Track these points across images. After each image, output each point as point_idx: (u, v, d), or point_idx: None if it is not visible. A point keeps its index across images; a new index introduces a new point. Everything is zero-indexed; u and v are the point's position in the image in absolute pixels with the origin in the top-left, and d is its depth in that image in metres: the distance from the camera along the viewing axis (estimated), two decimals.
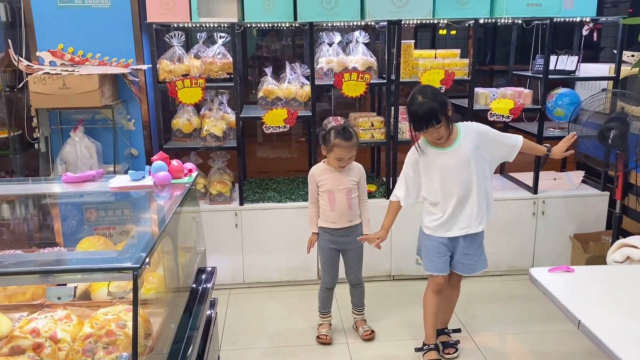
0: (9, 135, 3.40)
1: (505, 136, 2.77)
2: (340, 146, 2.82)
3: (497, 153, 2.75)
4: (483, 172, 2.70)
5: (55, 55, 3.37)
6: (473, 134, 2.69)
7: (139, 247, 1.46)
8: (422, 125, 2.55)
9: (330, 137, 2.84)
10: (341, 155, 2.85)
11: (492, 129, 2.75)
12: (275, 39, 4.71)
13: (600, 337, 1.67)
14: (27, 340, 1.60)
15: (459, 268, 2.81)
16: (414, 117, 2.57)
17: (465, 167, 2.66)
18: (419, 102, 2.54)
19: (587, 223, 3.82)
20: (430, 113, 2.51)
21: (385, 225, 2.93)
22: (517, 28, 4.06)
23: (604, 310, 1.85)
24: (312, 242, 3.07)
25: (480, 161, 2.68)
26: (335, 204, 2.94)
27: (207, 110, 3.82)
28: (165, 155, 2.13)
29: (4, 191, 2.08)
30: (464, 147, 2.66)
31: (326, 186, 2.94)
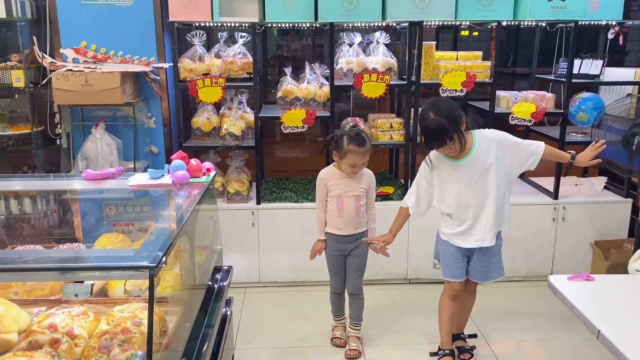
0: (32, 131, 3.45)
1: (525, 143, 2.64)
2: (354, 152, 2.74)
3: (516, 162, 2.63)
4: (501, 182, 2.61)
5: (78, 53, 3.41)
6: (489, 142, 2.59)
7: (156, 246, 1.47)
8: (433, 144, 2.49)
9: (343, 143, 2.76)
10: (355, 161, 2.77)
11: (510, 136, 2.63)
12: (296, 38, 4.71)
13: (619, 348, 1.64)
14: (44, 335, 1.62)
15: (474, 275, 2.78)
16: (425, 134, 2.50)
17: (481, 179, 2.59)
18: (431, 120, 2.45)
19: (609, 230, 3.75)
20: (442, 132, 2.43)
21: (393, 229, 2.90)
22: (540, 31, 4.00)
23: (624, 321, 1.81)
24: (319, 251, 3.00)
25: (498, 171, 2.58)
26: (343, 210, 2.88)
27: (226, 110, 3.83)
28: (185, 154, 2.14)
29: (26, 186, 2.10)
30: (480, 157, 2.57)
31: (335, 191, 2.88)
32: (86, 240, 2.05)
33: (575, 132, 3.85)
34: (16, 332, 1.69)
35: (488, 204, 2.62)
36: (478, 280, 2.79)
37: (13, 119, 3.69)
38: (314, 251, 3.01)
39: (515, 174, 2.70)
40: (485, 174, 2.59)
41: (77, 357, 1.61)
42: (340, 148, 2.77)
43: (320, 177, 2.93)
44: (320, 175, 2.93)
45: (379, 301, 3.55)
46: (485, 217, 2.64)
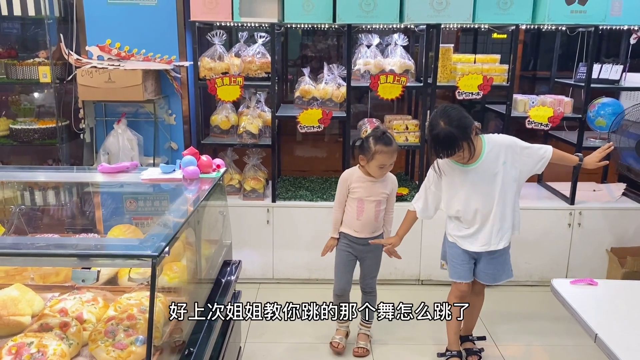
0: (57, 125, 3.58)
1: (533, 148, 2.66)
2: (382, 152, 2.71)
3: (526, 167, 2.64)
4: (510, 187, 2.62)
5: (103, 50, 3.52)
6: (498, 148, 2.60)
7: (160, 236, 1.53)
8: (442, 153, 2.50)
9: (370, 145, 2.72)
10: (384, 161, 2.74)
11: (519, 141, 2.65)
12: (317, 39, 4.76)
13: (615, 352, 1.64)
14: (55, 318, 1.70)
15: (481, 277, 2.79)
16: (434, 143, 2.50)
17: (489, 184, 2.60)
18: (441, 128, 2.46)
19: (626, 237, 3.71)
20: (451, 141, 2.45)
21: (400, 232, 2.90)
22: (561, 35, 3.97)
23: (623, 325, 1.81)
24: (331, 247, 3.00)
25: (507, 177, 2.60)
26: (363, 214, 2.86)
27: (245, 108, 3.91)
28: (195, 150, 2.21)
29: (42, 178, 2.21)
30: (489, 162, 2.59)
31: (358, 194, 2.86)
32: (100, 231, 2.15)
33: (594, 138, 3.81)
34: (30, 315, 1.78)
35: (496, 208, 2.63)
36: (486, 282, 2.80)
37: (40, 113, 3.82)
38: (326, 247, 3.02)
39: (524, 178, 2.70)
40: (494, 179, 2.60)
41: (84, 340, 1.69)
42: (367, 150, 2.74)
43: (343, 176, 2.91)
44: (344, 175, 2.91)
45: (391, 301, 3.56)
46: (492, 222, 2.65)
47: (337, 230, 2.98)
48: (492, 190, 2.61)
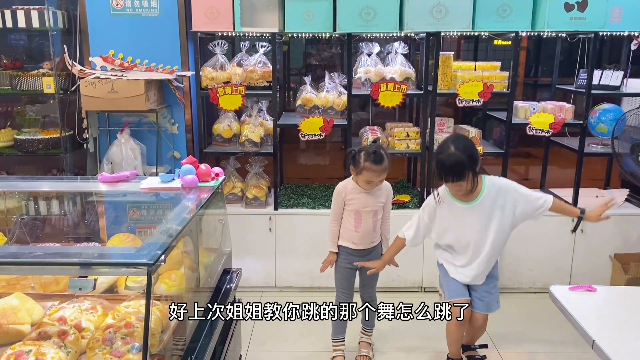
0: (61, 135, 3.62)
1: (532, 196, 2.62)
2: (370, 170, 2.68)
3: (521, 215, 2.62)
4: (503, 232, 2.62)
5: (106, 61, 3.57)
6: (497, 190, 2.59)
7: (156, 245, 1.55)
8: (449, 177, 2.48)
9: (360, 160, 2.70)
10: (371, 178, 2.72)
11: (519, 187, 2.63)
12: (319, 48, 4.79)
13: (612, 358, 1.64)
14: (54, 327, 1.72)
15: (477, 304, 2.72)
16: (442, 166, 2.48)
17: (483, 225, 2.60)
18: (450, 153, 2.45)
19: (629, 243, 3.69)
20: (458, 167, 2.43)
21: (386, 257, 2.88)
22: (562, 41, 3.97)
23: (621, 332, 1.81)
24: (331, 263, 2.96)
25: (503, 220, 2.60)
26: (361, 225, 2.84)
27: (247, 117, 3.94)
28: (194, 159, 2.23)
29: (42, 188, 2.23)
30: (486, 203, 2.58)
31: (353, 206, 2.83)
32: (99, 240, 2.17)
33: (595, 144, 3.81)
34: (29, 324, 1.80)
35: (485, 250, 2.63)
36: (481, 309, 2.71)
37: (44, 123, 3.87)
38: (326, 262, 2.97)
39: (519, 223, 2.68)
40: (489, 221, 2.60)
41: (82, 348, 1.70)
42: (357, 163, 2.72)
43: (338, 189, 2.87)
44: (338, 188, 2.87)
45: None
46: (481, 261, 2.65)
47: (335, 244, 2.94)
48: (485, 233, 2.61)
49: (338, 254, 2.94)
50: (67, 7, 3.68)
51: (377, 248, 2.96)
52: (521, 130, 3.69)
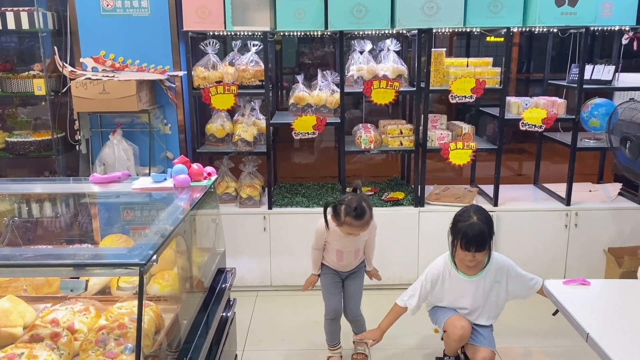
0: (52, 137, 3.60)
1: (526, 276, 2.70)
2: (351, 225, 2.63)
3: (514, 292, 2.71)
4: (497, 305, 2.70)
5: (97, 62, 3.55)
6: (496, 266, 2.66)
7: (148, 245, 1.54)
8: (469, 246, 2.48)
9: (341, 213, 2.62)
10: (352, 232, 2.68)
11: (515, 265, 2.70)
12: (312, 46, 4.78)
13: (607, 352, 1.64)
14: (46, 329, 1.71)
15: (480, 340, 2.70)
16: (464, 235, 2.48)
17: (480, 298, 2.66)
18: (473, 222, 2.48)
19: (623, 237, 3.70)
20: (482, 237, 2.47)
21: (383, 326, 2.79)
22: (553, 37, 3.98)
23: (615, 325, 1.81)
24: (312, 283, 2.97)
25: (498, 295, 2.68)
26: (343, 260, 2.87)
27: (239, 116, 3.93)
28: (186, 159, 2.22)
29: (34, 190, 2.22)
30: (487, 278, 2.65)
31: (335, 246, 2.82)
32: (92, 241, 2.16)
33: (588, 138, 3.82)
34: (21, 327, 1.79)
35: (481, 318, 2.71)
36: (486, 345, 2.67)
37: (35, 125, 3.85)
38: (307, 283, 2.97)
39: (510, 299, 2.76)
40: (486, 295, 2.67)
41: (75, 350, 1.69)
42: (337, 215, 2.66)
43: (319, 230, 2.82)
44: (319, 229, 2.82)
45: (389, 306, 3.55)
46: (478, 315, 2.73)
47: (317, 267, 2.94)
48: (483, 304, 2.68)
49: (321, 272, 2.94)
50: (57, 8, 3.66)
51: (362, 266, 2.97)
52: (514, 126, 3.70)
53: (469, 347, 2.74)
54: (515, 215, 3.70)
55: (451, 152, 3.61)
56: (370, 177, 4.57)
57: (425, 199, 3.79)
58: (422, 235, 3.72)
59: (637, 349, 1.67)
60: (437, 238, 3.16)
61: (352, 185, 2.84)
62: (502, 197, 3.79)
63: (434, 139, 3.70)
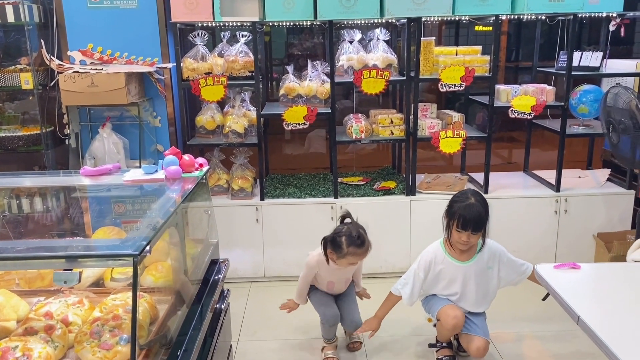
0: (41, 132, 3.57)
1: (517, 262, 2.74)
2: (354, 254, 2.65)
3: (505, 278, 2.74)
4: (488, 291, 2.74)
5: (85, 55, 3.51)
6: (489, 252, 2.69)
7: (141, 236, 1.54)
8: (466, 226, 2.52)
9: (343, 245, 2.63)
10: (354, 261, 2.71)
11: (505, 251, 2.73)
12: (301, 37, 4.77)
13: (598, 334, 1.66)
14: (40, 322, 1.70)
15: (473, 328, 2.73)
16: (461, 215, 2.53)
17: (473, 283, 2.69)
18: (471, 203, 2.53)
19: (612, 222, 3.74)
20: (479, 218, 2.52)
21: (380, 314, 2.84)
22: (542, 24, 4.00)
23: (605, 307, 1.83)
24: (290, 310, 3.00)
25: (488, 282, 2.71)
26: (334, 289, 2.93)
27: (230, 108, 3.91)
28: (177, 150, 2.21)
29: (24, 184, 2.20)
30: (479, 263, 2.68)
31: (326, 279, 2.87)
32: (83, 234, 2.16)
33: (577, 125, 3.85)
34: (15, 320, 1.78)
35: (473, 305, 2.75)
36: (479, 334, 2.70)
37: (23, 120, 3.81)
38: (286, 306, 2.98)
39: (502, 287, 2.79)
40: (478, 281, 2.69)
41: (70, 342, 1.69)
42: (338, 248, 2.65)
43: (310, 264, 2.84)
44: (311, 264, 2.83)
45: (382, 295, 3.57)
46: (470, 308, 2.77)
47: (302, 298, 2.96)
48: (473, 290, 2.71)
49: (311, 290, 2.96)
50: (43, 1, 3.62)
51: (351, 287, 3.02)
52: (504, 114, 3.72)
53: (462, 336, 2.77)
54: (505, 202, 3.72)
55: (441, 140, 3.63)
56: (361, 167, 4.58)
57: (417, 187, 3.81)
58: (413, 224, 3.74)
59: (626, 330, 1.70)
60: (428, 226, 3.19)
61: (342, 215, 2.83)
62: (492, 184, 3.81)
63: (425, 128, 3.71)
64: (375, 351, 3.05)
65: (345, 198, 3.75)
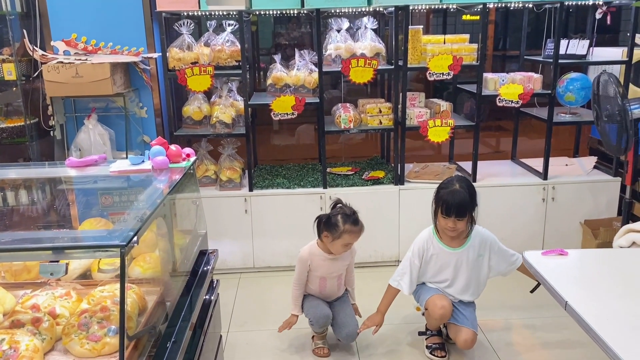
0: (25, 123, 3.52)
1: (508, 252, 2.76)
2: (350, 232, 2.66)
3: (495, 267, 2.76)
4: (479, 279, 2.74)
5: (69, 45, 3.46)
6: (480, 239, 2.71)
7: (127, 227, 1.52)
8: (450, 212, 2.54)
9: (339, 223, 2.64)
10: (350, 241, 2.70)
11: (496, 240, 2.75)
12: (289, 26, 4.73)
13: (585, 318, 1.68)
14: (27, 315, 1.68)
15: (461, 319, 2.74)
16: (445, 201, 2.55)
17: (465, 270, 2.70)
18: (455, 189, 2.55)
19: (598, 209, 3.78)
20: (462, 205, 2.52)
21: (382, 308, 2.85)
22: (529, 12, 4.00)
23: (591, 292, 1.85)
24: (290, 325, 2.88)
25: (480, 269, 2.72)
26: (326, 288, 2.87)
27: (217, 98, 3.88)
28: (164, 140, 2.19)
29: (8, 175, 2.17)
30: (471, 250, 2.69)
31: (318, 273, 2.81)
32: (70, 226, 2.13)
33: (564, 113, 3.87)
34: (1, 313, 1.76)
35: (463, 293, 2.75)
36: (467, 325, 2.70)
37: (7, 112, 3.76)
38: (285, 323, 2.90)
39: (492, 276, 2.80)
40: (468, 267, 2.70)
41: (58, 334, 1.67)
42: (333, 228, 2.66)
43: (302, 258, 2.81)
44: (303, 256, 2.81)
45: (371, 284, 3.58)
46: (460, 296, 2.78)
47: (298, 307, 2.88)
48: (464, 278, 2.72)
49: (304, 298, 2.92)
50: None
51: (345, 295, 2.98)
52: (492, 103, 3.72)
53: (451, 326, 2.79)
54: (493, 191, 3.74)
55: (430, 129, 3.63)
56: (350, 157, 4.58)
57: (405, 177, 3.81)
58: (402, 213, 3.74)
59: (612, 315, 1.71)
60: (417, 215, 3.20)
61: (334, 201, 2.83)
62: (481, 173, 3.83)
63: (413, 117, 3.71)
64: (367, 340, 3.05)
65: (334, 188, 3.75)
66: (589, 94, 3.57)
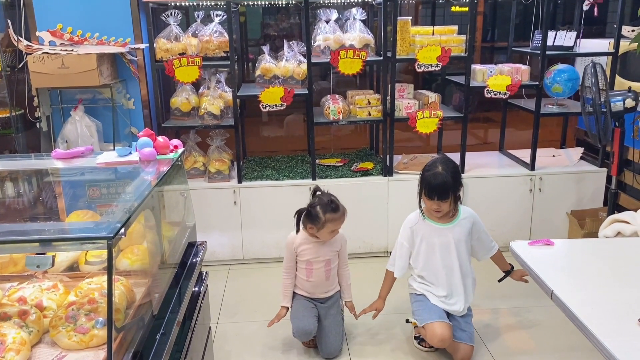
0: (10, 115, 3.48)
1: (488, 237, 2.80)
2: (332, 220, 2.66)
3: (476, 247, 2.78)
4: (466, 258, 2.75)
5: (54, 35, 3.42)
6: (469, 217, 2.72)
7: (115, 218, 1.51)
8: (432, 195, 2.56)
9: (319, 215, 2.65)
10: (335, 227, 2.71)
11: (482, 225, 2.77)
12: (277, 18, 4.71)
13: (570, 308, 1.70)
14: (13, 307, 1.67)
15: (459, 334, 2.71)
16: (427, 183, 2.58)
17: (455, 248, 2.69)
18: (437, 172, 2.55)
19: (585, 199, 3.82)
20: (444, 187, 2.53)
21: (382, 294, 2.88)
22: (517, 4, 4.01)
23: (577, 282, 1.87)
24: (280, 318, 2.85)
25: (466, 246, 2.72)
26: (313, 275, 2.80)
27: (205, 89, 3.86)
28: (151, 131, 2.18)
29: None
30: (461, 227, 2.69)
31: (305, 256, 2.78)
32: (55, 218, 2.12)
33: (551, 104, 3.89)
34: None
35: (455, 274, 2.73)
36: (465, 340, 2.70)
37: None
38: (276, 317, 2.86)
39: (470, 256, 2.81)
40: (458, 245, 2.70)
41: (45, 327, 1.66)
42: (315, 220, 2.67)
43: (289, 241, 2.81)
44: (289, 240, 2.80)
45: (361, 275, 3.61)
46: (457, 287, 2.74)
47: (288, 298, 2.86)
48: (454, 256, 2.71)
49: (293, 299, 2.89)
50: None
51: (336, 297, 2.92)
52: (480, 95, 3.74)
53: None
54: (481, 182, 3.77)
55: (418, 121, 3.64)
56: (339, 148, 4.58)
57: (394, 168, 3.82)
58: (391, 204, 3.76)
59: (597, 304, 1.73)
60: (405, 206, 3.19)
61: (313, 189, 2.84)
62: (469, 164, 3.85)
63: (402, 109, 3.72)
64: (357, 329, 3.07)
65: (323, 179, 3.75)
66: (576, 85, 3.60)
